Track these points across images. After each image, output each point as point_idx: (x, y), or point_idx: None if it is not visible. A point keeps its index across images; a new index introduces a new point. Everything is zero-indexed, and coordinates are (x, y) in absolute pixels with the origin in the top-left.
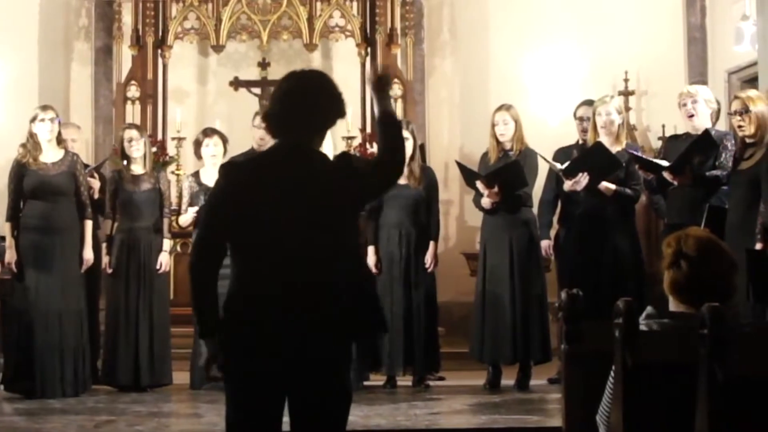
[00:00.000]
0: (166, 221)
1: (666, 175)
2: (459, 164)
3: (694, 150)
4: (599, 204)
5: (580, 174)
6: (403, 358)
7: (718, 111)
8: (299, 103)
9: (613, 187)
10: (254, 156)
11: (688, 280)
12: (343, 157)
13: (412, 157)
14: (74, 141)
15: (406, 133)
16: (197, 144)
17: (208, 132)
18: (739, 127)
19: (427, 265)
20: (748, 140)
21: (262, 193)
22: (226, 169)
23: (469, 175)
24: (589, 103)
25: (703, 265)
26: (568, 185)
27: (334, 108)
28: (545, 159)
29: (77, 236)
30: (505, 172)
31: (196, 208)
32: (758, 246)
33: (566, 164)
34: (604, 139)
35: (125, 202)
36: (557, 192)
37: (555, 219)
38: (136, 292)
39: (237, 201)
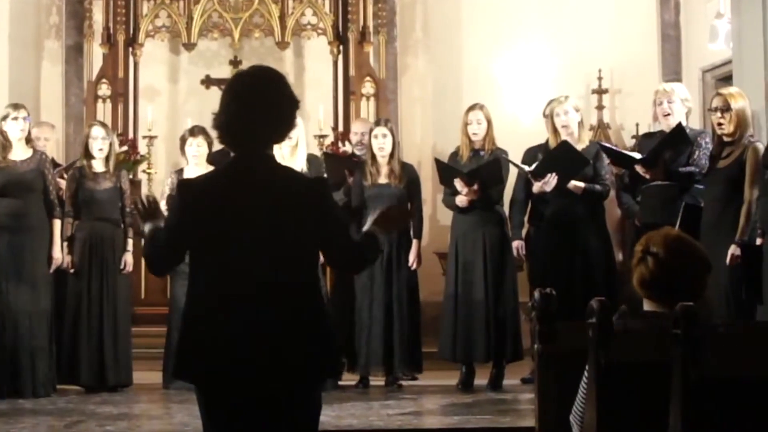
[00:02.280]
0: (128, 220)
1: (638, 168)
2: (437, 161)
3: (667, 143)
4: (569, 203)
5: (549, 174)
6: (383, 359)
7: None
8: (253, 113)
9: (582, 185)
10: (211, 173)
11: (654, 275)
12: (318, 184)
13: (391, 155)
14: (47, 140)
15: (385, 130)
16: (182, 141)
17: (195, 131)
18: (719, 125)
19: (411, 263)
20: (725, 138)
21: (218, 216)
22: (181, 189)
23: (447, 173)
24: None
25: (668, 260)
26: (537, 187)
27: (289, 114)
28: (512, 162)
29: (46, 235)
30: (484, 171)
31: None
32: (759, 241)
33: (534, 165)
34: (566, 139)
35: (87, 201)
36: (528, 192)
37: (525, 219)
38: (98, 292)
39: (192, 222)
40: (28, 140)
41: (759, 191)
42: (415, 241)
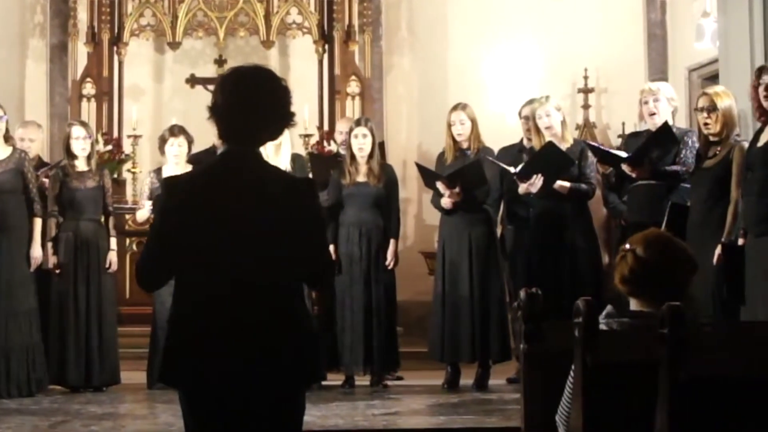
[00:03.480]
0: (111, 219)
1: (624, 167)
2: (418, 165)
3: (653, 142)
4: (555, 203)
5: (535, 176)
6: (363, 358)
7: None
8: (261, 109)
9: (567, 184)
10: (198, 170)
11: (633, 272)
12: (306, 185)
13: (371, 155)
14: (32, 140)
15: (365, 130)
16: (162, 140)
17: (175, 131)
18: (705, 124)
19: (387, 263)
20: (712, 138)
21: (204, 215)
22: (168, 187)
23: (428, 176)
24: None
25: (647, 257)
26: (523, 188)
27: (289, 118)
28: (497, 163)
29: (25, 234)
30: (466, 172)
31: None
32: (740, 241)
33: (519, 167)
34: (551, 140)
35: (71, 200)
36: (501, 192)
37: (499, 219)
38: (85, 292)
39: (179, 221)
40: (7, 139)
41: (741, 191)
42: (392, 241)
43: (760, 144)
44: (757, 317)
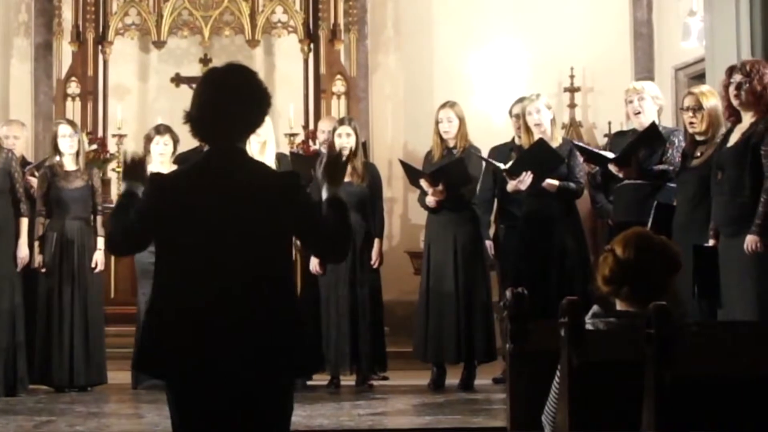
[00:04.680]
0: (99, 219)
1: (611, 167)
2: (402, 163)
3: (640, 142)
4: (544, 202)
5: (524, 173)
6: (349, 357)
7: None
8: (228, 105)
9: (556, 183)
10: (184, 168)
11: (612, 272)
12: (291, 178)
13: (354, 154)
14: (17, 138)
15: (348, 130)
16: (148, 139)
17: (161, 129)
18: (691, 124)
19: (372, 263)
20: (697, 137)
21: (189, 211)
22: (154, 183)
23: (413, 174)
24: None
25: (623, 255)
26: (512, 185)
27: (264, 107)
28: (488, 160)
29: (12, 234)
30: (449, 170)
31: None
32: (711, 242)
33: (509, 164)
34: (542, 137)
35: (58, 200)
36: (494, 191)
37: (492, 218)
38: (70, 291)
39: (163, 215)
40: None
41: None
42: (376, 240)
43: (730, 144)
44: (735, 318)
